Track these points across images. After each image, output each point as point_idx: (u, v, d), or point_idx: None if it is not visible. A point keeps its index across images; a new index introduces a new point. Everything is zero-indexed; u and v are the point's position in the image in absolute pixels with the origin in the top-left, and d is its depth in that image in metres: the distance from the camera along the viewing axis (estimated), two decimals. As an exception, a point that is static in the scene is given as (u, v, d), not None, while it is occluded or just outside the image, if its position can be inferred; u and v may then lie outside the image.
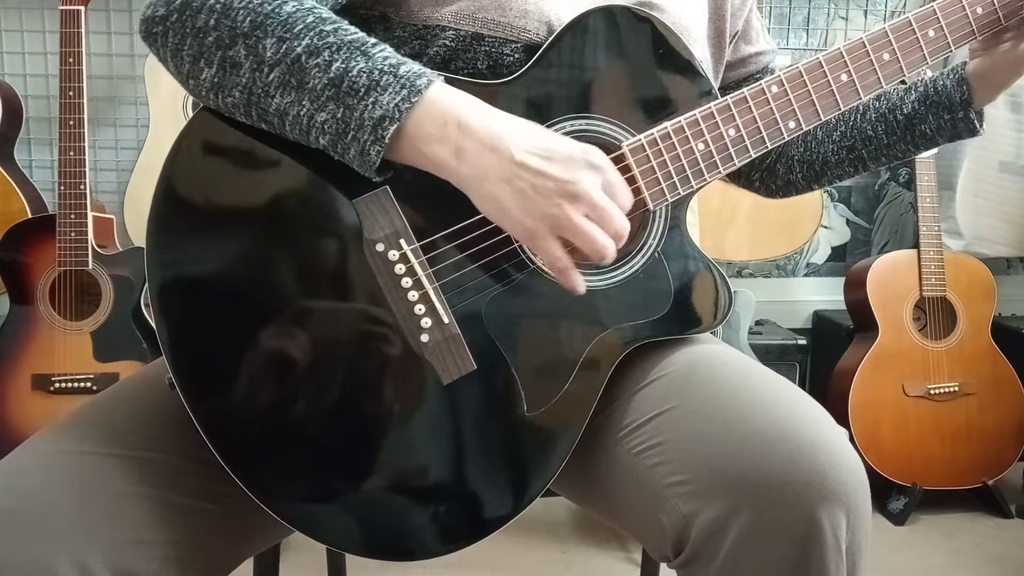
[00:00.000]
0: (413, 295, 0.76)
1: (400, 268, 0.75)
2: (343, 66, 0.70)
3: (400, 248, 0.75)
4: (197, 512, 0.75)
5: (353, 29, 0.73)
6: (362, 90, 0.70)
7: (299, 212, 0.75)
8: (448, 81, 0.77)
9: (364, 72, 0.70)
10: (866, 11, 2.54)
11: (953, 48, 0.89)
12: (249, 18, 0.71)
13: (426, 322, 0.76)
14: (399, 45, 0.83)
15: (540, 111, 0.81)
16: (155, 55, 0.76)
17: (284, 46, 0.71)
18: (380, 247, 0.75)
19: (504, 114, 0.73)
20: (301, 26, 0.71)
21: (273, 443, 0.74)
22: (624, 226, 0.73)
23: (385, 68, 0.70)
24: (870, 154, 1.01)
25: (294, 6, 0.72)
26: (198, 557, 0.75)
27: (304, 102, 0.71)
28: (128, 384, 0.84)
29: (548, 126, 0.80)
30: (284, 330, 0.74)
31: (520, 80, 0.81)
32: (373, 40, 0.72)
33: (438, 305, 0.76)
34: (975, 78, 0.94)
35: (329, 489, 0.75)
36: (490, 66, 0.82)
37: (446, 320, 0.76)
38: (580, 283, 0.74)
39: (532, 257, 0.80)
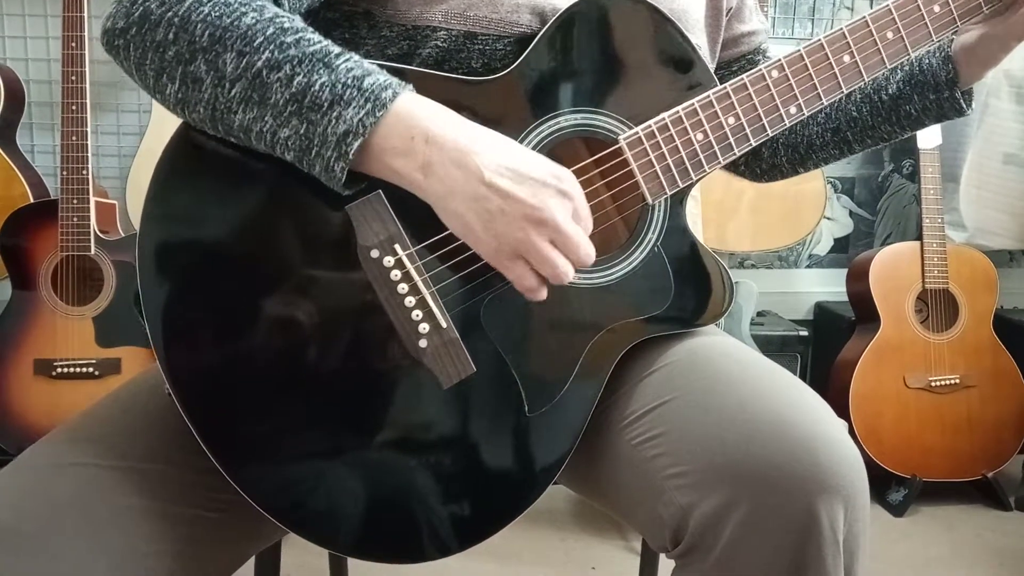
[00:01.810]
0: (410, 300, 0.74)
1: (396, 274, 0.74)
2: (305, 80, 0.68)
3: (395, 253, 0.73)
4: (199, 522, 0.74)
5: (316, 38, 0.70)
6: (325, 105, 0.68)
7: (293, 221, 0.74)
8: (439, 80, 0.76)
9: (327, 86, 0.68)
10: (871, 1, 2.52)
11: (959, 23, 0.86)
12: (208, 31, 0.69)
13: (424, 327, 0.75)
14: (386, 45, 0.81)
15: (534, 107, 0.79)
16: (120, 68, 0.74)
17: (244, 60, 0.68)
18: (375, 253, 0.73)
19: (474, 127, 0.71)
20: (261, 39, 0.68)
21: (275, 450, 0.74)
22: (589, 256, 0.72)
23: (348, 81, 0.68)
24: (855, 136, 1.00)
25: (254, 17, 0.69)
26: (201, 565, 0.75)
27: (267, 118, 0.69)
28: (125, 393, 0.83)
29: (543, 121, 0.79)
30: (281, 336, 0.73)
31: (512, 75, 0.79)
32: (337, 50, 0.70)
33: (435, 310, 0.75)
34: (963, 53, 0.92)
35: (334, 495, 0.75)
36: (484, 64, 0.81)
37: (444, 324, 0.75)
38: (543, 295, 0.74)
39: None
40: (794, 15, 2.50)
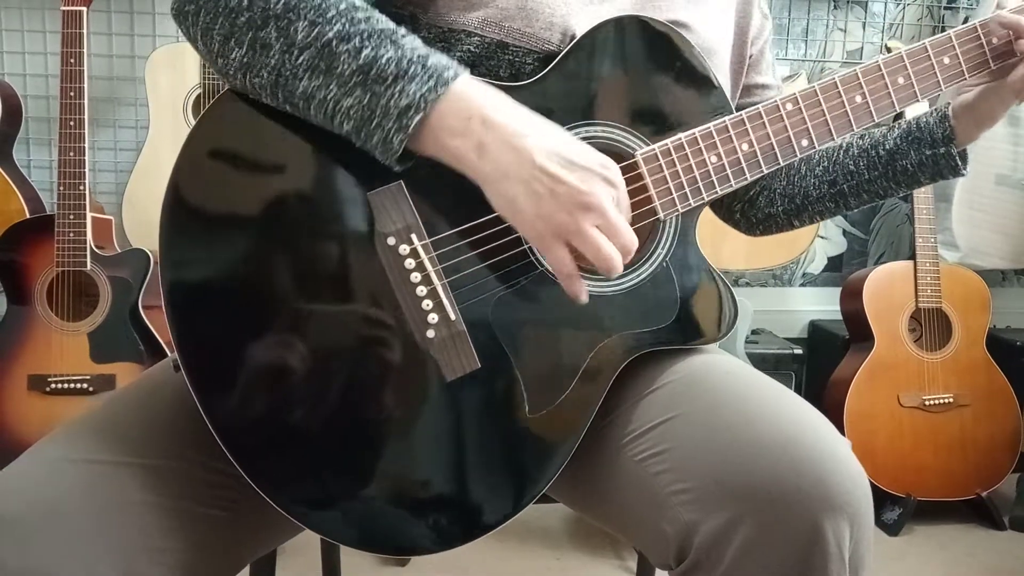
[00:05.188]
0: (422, 290, 0.76)
1: (410, 263, 0.76)
2: (372, 53, 0.71)
3: (411, 243, 0.76)
4: (206, 519, 0.75)
5: (384, 19, 0.73)
6: (390, 78, 0.70)
7: (312, 206, 0.76)
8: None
9: (393, 60, 0.70)
10: (864, 23, 2.55)
11: (967, 76, 0.89)
12: (282, 1, 0.72)
13: (433, 317, 0.76)
14: None
15: (557, 116, 0.81)
16: (184, 34, 0.77)
17: (316, 30, 0.71)
18: (391, 241, 0.75)
19: (528, 113, 0.74)
20: (334, 12, 0.72)
21: (278, 435, 0.74)
22: (632, 242, 0.73)
23: (414, 58, 0.71)
24: (851, 189, 1.01)
25: None
26: (206, 562, 0.75)
27: (332, 86, 0.71)
28: (135, 389, 0.84)
29: (566, 129, 0.80)
30: (291, 322, 0.74)
31: (538, 84, 0.82)
32: (403, 31, 0.73)
33: (446, 301, 0.76)
34: (962, 111, 0.94)
35: (330, 481, 0.76)
36: (512, 75, 0.83)
37: (453, 316, 0.77)
38: (583, 291, 0.75)
39: (541, 260, 0.80)
40: (787, 36, 2.52)
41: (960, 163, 0.96)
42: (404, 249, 0.76)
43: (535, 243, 0.74)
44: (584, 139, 0.81)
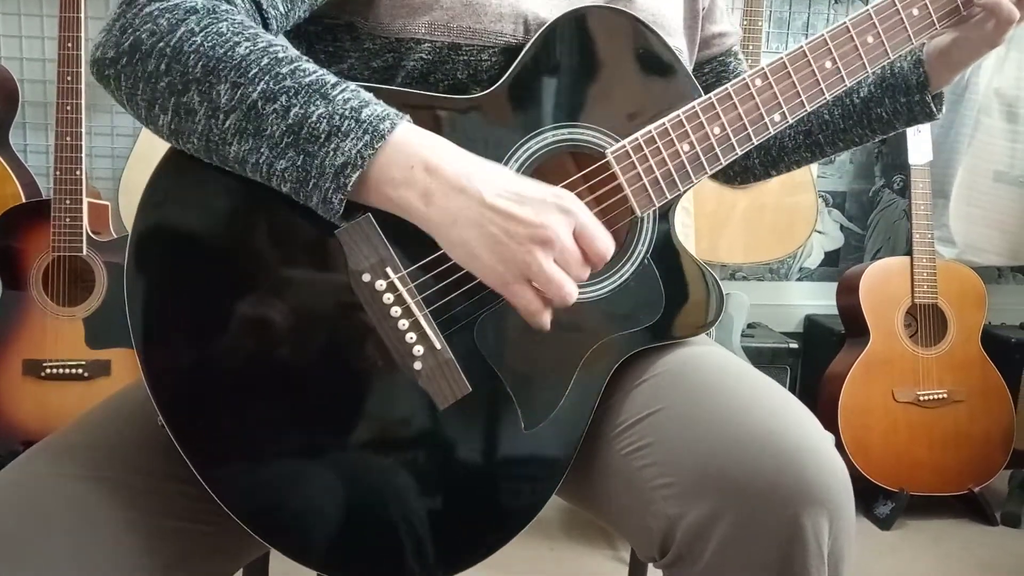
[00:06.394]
0: (403, 323, 0.73)
1: (388, 297, 0.73)
2: (302, 111, 0.67)
3: (387, 277, 0.73)
4: (190, 535, 0.74)
5: (312, 68, 0.69)
6: (322, 136, 0.67)
7: (280, 251, 0.73)
8: (425, 99, 0.75)
9: (324, 117, 0.67)
10: (866, 17, 2.54)
11: (938, 25, 0.86)
12: (201, 63, 0.67)
13: (418, 349, 0.74)
14: (370, 57, 0.81)
15: (521, 123, 0.79)
16: (111, 97, 0.72)
17: (239, 92, 0.67)
18: (366, 277, 0.72)
19: (472, 156, 0.71)
20: (256, 69, 0.67)
21: (269, 472, 0.73)
22: (584, 273, 0.72)
23: (346, 112, 0.67)
24: (827, 139, 1.00)
25: (247, 47, 0.68)
26: (192, 574, 0.74)
27: (263, 149, 0.68)
28: (113, 404, 0.82)
29: (530, 138, 0.79)
30: (277, 364, 0.73)
31: (497, 92, 0.79)
32: (333, 80, 0.69)
33: (429, 331, 0.74)
34: (935, 56, 0.92)
35: (333, 520, 0.74)
36: (470, 75, 0.81)
37: (438, 346, 0.74)
38: (547, 324, 0.73)
39: None
40: (788, 29, 2.52)
41: (935, 107, 0.95)
42: (380, 284, 0.72)
43: (497, 288, 0.71)
44: (551, 143, 0.79)
